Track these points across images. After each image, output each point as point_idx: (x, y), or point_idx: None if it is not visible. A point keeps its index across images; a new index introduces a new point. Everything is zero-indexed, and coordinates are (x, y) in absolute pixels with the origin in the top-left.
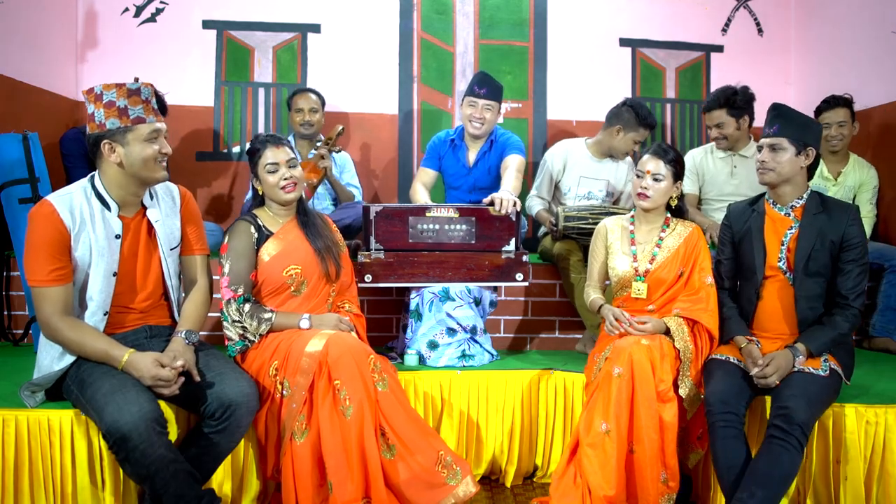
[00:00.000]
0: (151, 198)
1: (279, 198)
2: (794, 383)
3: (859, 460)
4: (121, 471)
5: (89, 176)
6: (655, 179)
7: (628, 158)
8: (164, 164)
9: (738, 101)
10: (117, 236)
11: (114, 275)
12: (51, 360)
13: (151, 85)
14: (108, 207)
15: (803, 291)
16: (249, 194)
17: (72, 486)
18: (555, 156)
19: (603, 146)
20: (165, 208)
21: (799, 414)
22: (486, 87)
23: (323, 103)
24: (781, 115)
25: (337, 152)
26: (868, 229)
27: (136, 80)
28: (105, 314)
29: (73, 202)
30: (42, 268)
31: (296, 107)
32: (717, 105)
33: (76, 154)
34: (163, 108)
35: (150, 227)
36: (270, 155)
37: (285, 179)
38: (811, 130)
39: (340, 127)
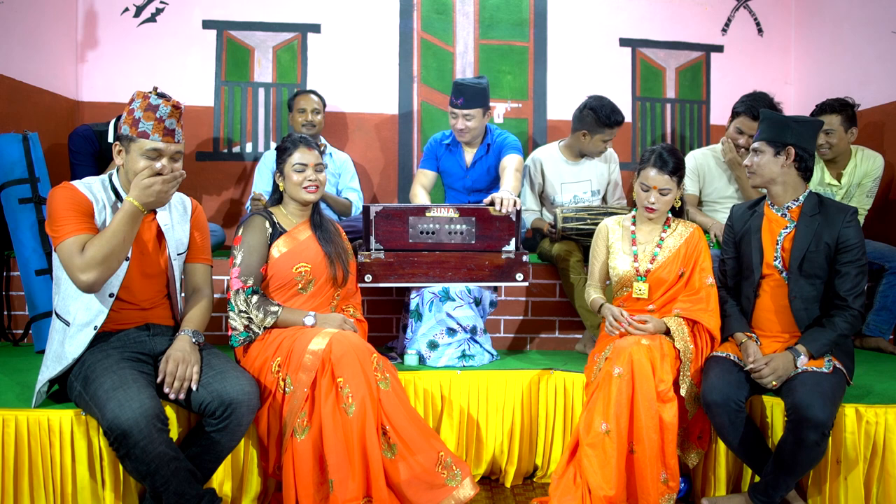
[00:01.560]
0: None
1: (300, 196)
2: (804, 382)
3: (859, 460)
4: (121, 470)
5: (109, 173)
6: (662, 193)
7: (608, 151)
8: None
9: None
10: None
11: (126, 260)
12: (60, 343)
13: (179, 108)
14: (122, 200)
15: (798, 292)
16: (249, 201)
17: (72, 485)
18: (532, 166)
19: (574, 149)
20: (177, 216)
21: (817, 412)
22: (462, 96)
23: (324, 105)
24: (762, 120)
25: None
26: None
27: (155, 89)
28: (111, 296)
29: (92, 188)
30: (69, 222)
31: (298, 107)
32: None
33: (84, 152)
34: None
35: (160, 230)
36: (300, 155)
37: (310, 180)
38: (790, 129)
39: (323, 146)
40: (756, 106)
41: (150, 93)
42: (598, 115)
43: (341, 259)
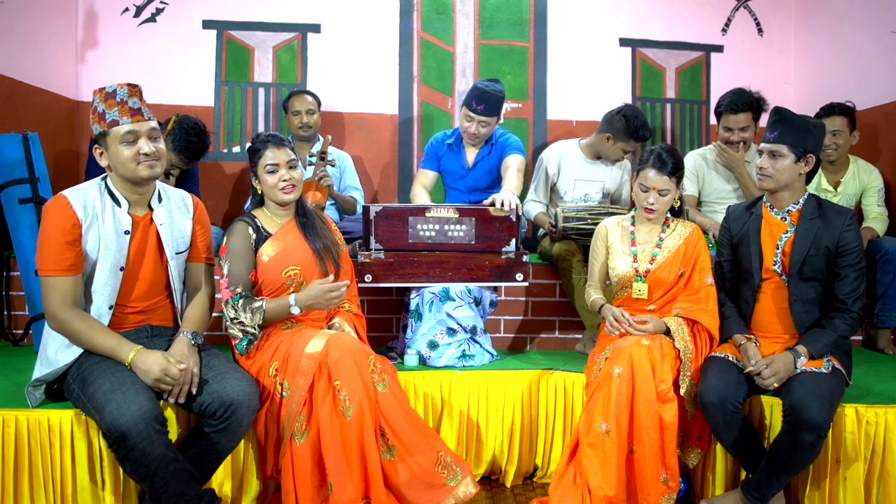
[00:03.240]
0: (160, 200)
1: (278, 198)
2: (802, 382)
3: (859, 461)
4: (121, 470)
5: (103, 175)
6: (661, 194)
7: (625, 161)
8: (151, 162)
9: (762, 105)
10: (126, 232)
11: (121, 269)
12: (55, 351)
13: (136, 86)
14: (119, 204)
15: (798, 295)
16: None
17: (72, 486)
18: (549, 158)
19: (594, 149)
20: (178, 214)
21: (814, 414)
22: (484, 104)
23: (319, 104)
24: (782, 121)
25: (332, 165)
26: (881, 229)
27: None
28: (110, 308)
29: (86, 196)
30: (53, 257)
31: (292, 109)
32: (747, 108)
33: None
34: (203, 146)
35: (157, 233)
36: (271, 155)
37: (284, 181)
38: (812, 135)
39: (329, 137)
40: (737, 101)
41: (98, 90)
42: (628, 124)
43: (330, 252)
